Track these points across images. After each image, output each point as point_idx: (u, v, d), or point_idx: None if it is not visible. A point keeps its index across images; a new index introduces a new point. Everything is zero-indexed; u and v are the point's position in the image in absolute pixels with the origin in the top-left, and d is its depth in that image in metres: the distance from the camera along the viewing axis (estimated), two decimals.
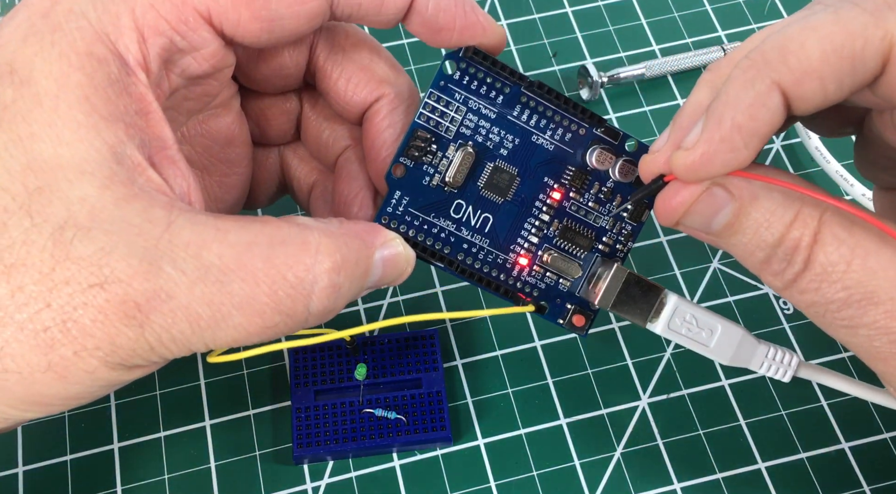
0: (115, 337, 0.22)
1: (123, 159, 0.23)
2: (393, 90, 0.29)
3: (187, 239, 0.23)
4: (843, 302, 0.23)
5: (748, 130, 0.22)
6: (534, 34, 0.45)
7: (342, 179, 0.30)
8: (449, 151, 0.28)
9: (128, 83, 0.24)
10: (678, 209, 0.24)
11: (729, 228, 0.24)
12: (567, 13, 0.46)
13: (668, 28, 0.45)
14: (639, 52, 0.45)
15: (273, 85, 0.30)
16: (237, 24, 0.25)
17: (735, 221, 0.24)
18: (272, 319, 0.23)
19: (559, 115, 0.28)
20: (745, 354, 0.29)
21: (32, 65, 0.23)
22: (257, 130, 0.31)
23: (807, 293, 0.23)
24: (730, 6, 0.46)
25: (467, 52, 0.27)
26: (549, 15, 0.46)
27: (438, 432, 0.34)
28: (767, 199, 0.23)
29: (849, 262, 0.22)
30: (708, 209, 0.24)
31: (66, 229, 0.22)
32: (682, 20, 0.46)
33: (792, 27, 0.21)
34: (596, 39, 0.45)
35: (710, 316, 0.28)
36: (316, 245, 0.24)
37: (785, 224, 0.23)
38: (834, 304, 0.23)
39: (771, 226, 0.23)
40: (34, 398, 0.23)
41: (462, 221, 0.28)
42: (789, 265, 0.23)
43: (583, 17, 0.46)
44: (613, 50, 0.45)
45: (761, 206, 0.23)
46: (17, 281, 0.22)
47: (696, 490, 0.34)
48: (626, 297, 0.28)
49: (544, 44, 0.45)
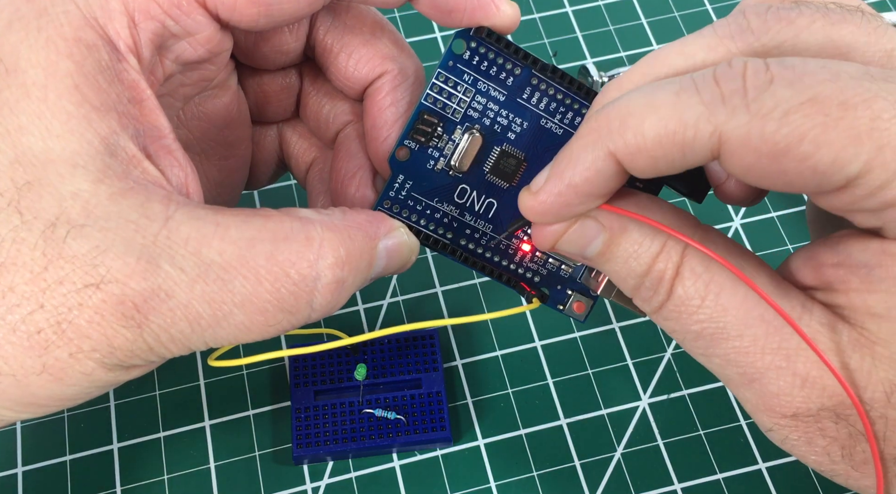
0: (112, 339, 0.22)
1: (117, 151, 0.22)
2: (396, 66, 0.28)
3: (186, 235, 0.22)
4: (697, 333, 0.24)
5: (582, 191, 0.23)
6: (534, 34, 0.45)
7: (340, 157, 0.29)
8: (455, 134, 0.27)
9: (119, 70, 0.23)
10: (550, 237, 0.25)
11: (601, 256, 0.25)
12: (567, 13, 0.46)
13: (668, 28, 0.45)
14: (639, 52, 0.45)
15: (273, 61, 0.29)
16: (233, 8, 0.24)
17: (606, 250, 0.24)
18: (275, 317, 0.23)
19: (570, 98, 0.27)
20: None
21: (18, 52, 0.22)
22: (255, 108, 0.30)
23: (669, 321, 0.24)
24: (730, 6, 0.46)
25: (479, 33, 0.26)
26: (549, 15, 0.46)
27: (438, 432, 0.34)
28: (636, 231, 0.24)
29: (703, 298, 0.23)
30: (580, 239, 0.25)
31: (58, 226, 0.21)
32: (682, 20, 0.46)
33: (638, 99, 0.21)
34: (596, 39, 0.45)
35: None
36: (319, 240, 0.23)
37: (651, 256, 0.24)
38: (690, 334, 0.24)
39: (639, 256, 0.24)
40: (29, 399, 0.22)
41: (466, 206, 0.27)
42: (655, 294, 0.24)
43: (583, 17, 0.46)
44: (613, 50, 0.45)
45: (630, 238, 0.24)
46: (7, 282, 0.21)
47: (697, 491, 0.34)
48: None
49: (544, 44, 0.45)
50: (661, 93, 0.21)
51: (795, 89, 0.19)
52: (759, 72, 0.20)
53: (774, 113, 0.19)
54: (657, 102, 0.21)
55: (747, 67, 0.20)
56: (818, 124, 0.19)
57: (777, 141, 0.19)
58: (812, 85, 0.19)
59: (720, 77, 0.20)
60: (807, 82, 0.19)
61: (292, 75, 0.30)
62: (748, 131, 0.20)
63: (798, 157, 0.19)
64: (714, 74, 0.20)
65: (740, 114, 0.20)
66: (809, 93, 0.19)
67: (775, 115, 0.19)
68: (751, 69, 0.20)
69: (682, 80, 0.21)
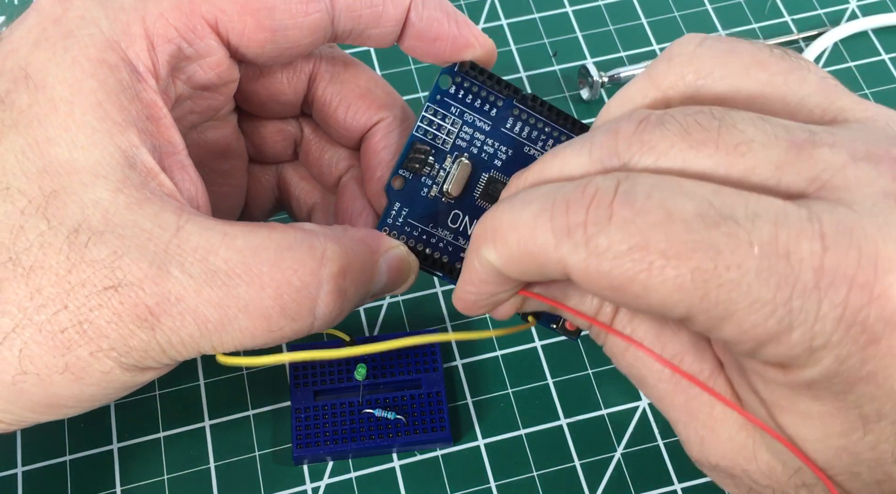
0: (128, 339, 0.23)
1: (136, 163, 0.24)
2: (391, 114, 0.30)
3: (195, 243, 0.23)
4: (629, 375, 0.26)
5: (485, 291, 0.24)
6: (534, 34, 0.45)
7: (345, 198, 0.31)
8: (446, 163, 0.28)
9: (139, 89, 0.24)
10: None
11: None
12: (567, 13, 0.46)
13: (668, 28, 0.45)
14: (639, 51, 0.45)
15: (270, 111, 0.30)
16: (242, 33, 0.26)
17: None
18: (278, 323, 0.24)
19: (549, 127, 0.28)
20: None
21: (47, 70, 0.24)
22: (253, 149, 0.32)
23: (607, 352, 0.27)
24: (730, 6, 0.46)
25: (462, 67, 0.27)
26: (549, 15, 0.46)
27: (438, 432, 0.34)
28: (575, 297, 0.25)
29: (626, 347, 0.25)
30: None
31: (80, 232, 0.23)
32: (682, 20, 0.46)
33: (507, 214, 0.22)
34: (596, 39, 0.45)
35: None
36: (322, 250, 0.24)
37: (592, 313, 0.25)
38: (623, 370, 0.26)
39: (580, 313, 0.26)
40: (50, 400, 0.24)
41: (459, 231, 0.29)
42: (598, 338, 0.26)
43: (583, 17, 0.46)
44: (613, 50, 0.45)
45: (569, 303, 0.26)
46: (35, 284, 0.22)
47: (697, 491, 0.34)
48: None
49: (544, 44, 0.45)
50: (524, 211, 0.22)
51: (627, 233, 0.20)
52: (601, 204, 0.20)
53: (607, 254, 0.20)
54: (519, 222, 0.21)
55: (596, 196, 0.20)
56: (643, 270, 0.20)
57: (612, 279, 0.20)
58: (643, 228, 0.20)
59: (572, 204, 0.21)
60: (638, 225, 0.20)
61: (291, 124, 0.32)
62: (586, 267, 0.20)
63: (633, 295, 0.20)
64: (568, 199, 0.21)
65: (580, 251, 0.20)
66: (638, 238, 0.20)
67: (608, 256, 0.20)
68: (597, 200, 0.20)
69: (545, 199, 0.21)
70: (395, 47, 0.28)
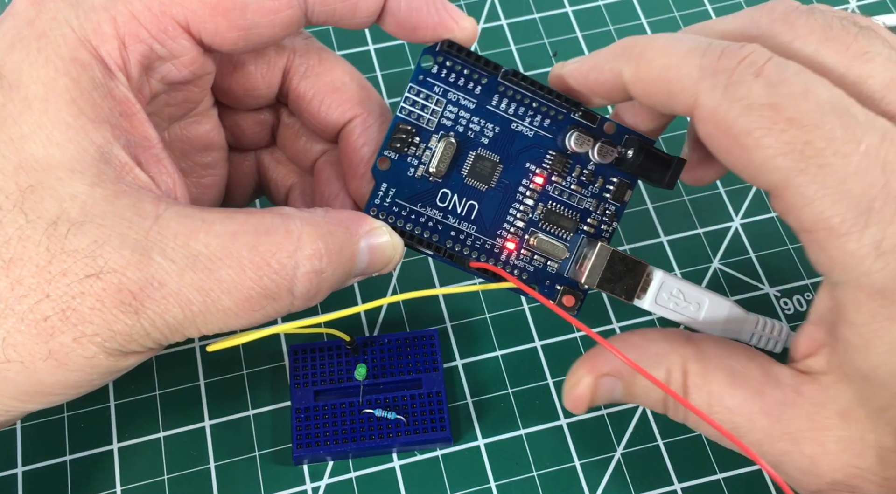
0: (112, 324, 0.23)
1: (111, 158, 0.24)
2: (365, 110, 0.30)
3: (175, 230, 0.24)
4: (717, 436, 0.27)
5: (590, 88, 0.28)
6: (534, 34, 0.45)
7: (322, 181, 0.31)
8: (431, 142, 0.28)
9: (111, 87, 0.25)
10: (583, 400, 0.28)
11: (628, 396, 0.28)
12: (567, 13, 0.46)
13: (668, 28, 0.45)
14: None
15: (244, 103, 0.31)
16: (215, 33, 0.26)
17: (629, 392, 0.28)
18: (259, 303, 0.25)
19: (536, 102, 0.28)
20: (734, 326, 0.29)
21: (21, 70, 0.24)
22: (232, 138, 0.32)
23: (699, 428, 0.28)
24: (730, 6, 0.46)
25: (443, 46, 0.27)
26: (549, 15, 0.46)
27: (438, 432, 0.34)
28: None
29: (710, 405, 0.27)
30: (605, 393, 0.28)
31: (59, 224, 0.23)
32: (682, 20, 0.46)
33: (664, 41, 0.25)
34: (596, 39, 0.45)
35: (697, 290, 0.29)
36: (298, 233, 0.25)
37: (663, 384, 0.27)
38: (712, 435, 0.28)
39: (653, 388, 0.27)
40: (35, 387, 0.24)
41: (448, 209, 0.29)
42: (678, 410, 0.28)
43: (583, 17, 0.46)
44: None
45: (641, 379, 0.28)
46: (15, 275, 0.23)
47: (697, 491, 0.34)
48: (612, 274, 0.29)
49: (544, 43, 0.45)
50: (680, 44, 0.24)
51: (767, 91, 0.22)
52: (755, 62, 0.23)
53: (741, 103, 0.22)
54: (673, 50, 0.24)
55: (751, 55, 0.23)
56: (765, 127, 0.22)
57: (732, 126, 0.22)
58: (782, 93, 0.22)
59: (726, 53, 0.23)
60: (780, 89, 0.22)
61: (266, 112, 0.32)
62: (716, 107, 0.23)
63: (742, 147, 0.22)
64: (724, 48, 0.23)
65: (717, 91, 0.23)
66: (775, 99, 0.22)
67: (740, 105, 0.22)
68: (751, 57, 0.23)
69: (701, 42, 0.24)
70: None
